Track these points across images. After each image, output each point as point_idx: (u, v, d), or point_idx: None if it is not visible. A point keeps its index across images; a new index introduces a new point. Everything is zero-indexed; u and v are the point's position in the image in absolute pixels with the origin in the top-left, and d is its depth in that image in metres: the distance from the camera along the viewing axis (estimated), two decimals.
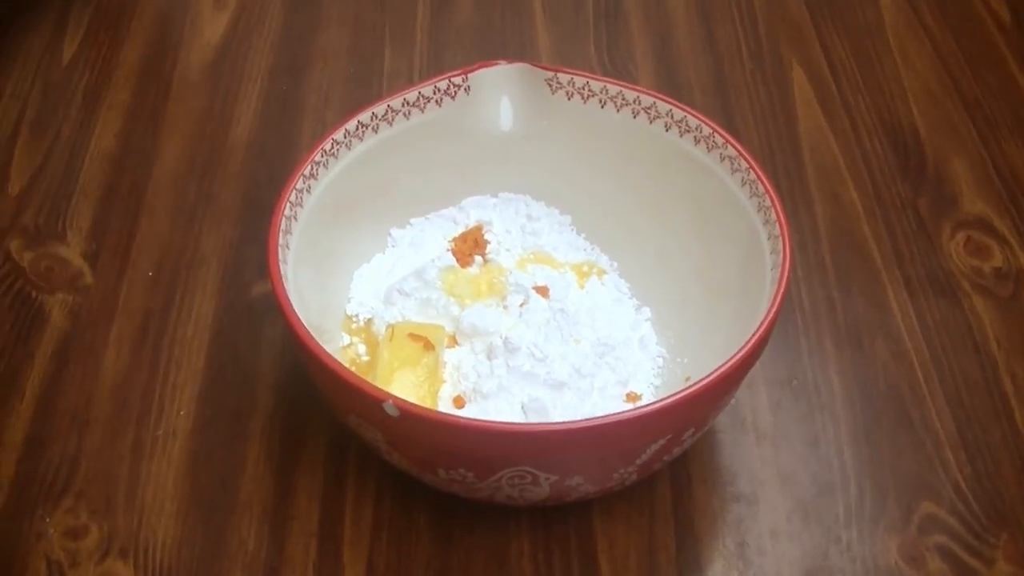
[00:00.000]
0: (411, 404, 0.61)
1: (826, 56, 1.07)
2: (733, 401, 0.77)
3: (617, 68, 1.06)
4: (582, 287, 0.80)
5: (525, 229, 0.82)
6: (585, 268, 0.81)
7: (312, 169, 0.74)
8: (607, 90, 0.79)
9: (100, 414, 0.79)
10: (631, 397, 0.75)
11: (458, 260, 0.80)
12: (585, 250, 0.83)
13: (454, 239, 0.82)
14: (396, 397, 0.61)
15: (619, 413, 0.62)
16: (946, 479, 0.77)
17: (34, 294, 0.86)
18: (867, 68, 1.06)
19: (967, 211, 0.94)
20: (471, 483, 0.66)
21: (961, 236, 0.92)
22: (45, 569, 0.71)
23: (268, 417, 0.79)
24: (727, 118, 0.99)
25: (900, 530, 0.74)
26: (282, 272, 0.68)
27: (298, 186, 0.73)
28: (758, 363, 0.69)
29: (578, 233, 0.84)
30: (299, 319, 0.65)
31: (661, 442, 0.65)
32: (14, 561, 0.72)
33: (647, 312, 0.80)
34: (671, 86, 1.03)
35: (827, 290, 0.87)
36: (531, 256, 0.81)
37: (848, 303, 0.87)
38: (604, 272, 0.82)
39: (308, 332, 0.65)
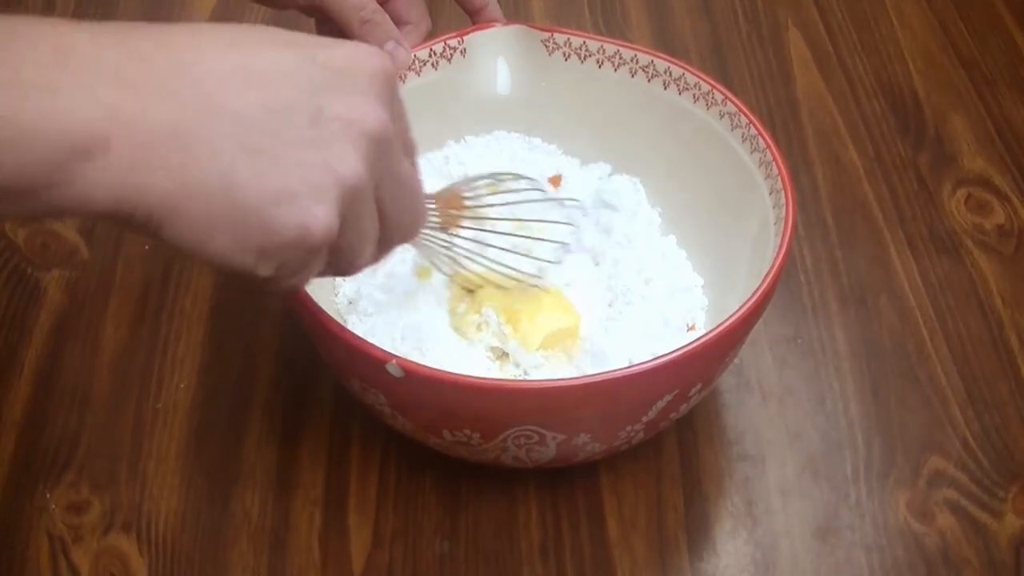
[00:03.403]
0: (414, 364, 0.61)
1: (822, 17, 1.07)
2: (738, 360, 0.77)
3: (612, 32, 1.05)
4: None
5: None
6: None
7: None
8: (604, 49, 0.78)
9: (100, 389, 0.79)
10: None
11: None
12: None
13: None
14: (399, 357, 0.61)
15: (623, 369, 0.62)
16: (954, 434, 0.76)
17: (30, 271, 0.85)
18: (864, 28, 1.06)
19: (967, 169, 0.93)
20: (477, 444, 0.65)
21: (962, 193, 0.91)
22: (48, 545, 0.71)
23: (270, 387, 0.78)
24: (724, 81, 0.97)
25: (909, 486, 0.74)
26: None
27: None
28: (762, 322, 0.68)
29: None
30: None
31: (668, 398, 0.64)
32: (16, 537, 0.71)
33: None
34: (667, 49, 1.01)
35: (829, 249, 0.87)
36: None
37: (851, 262, 0.86)
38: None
39: (309, 296, 0.64)
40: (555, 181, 0.77)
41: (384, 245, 0.57)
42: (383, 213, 0.54)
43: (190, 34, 0.49)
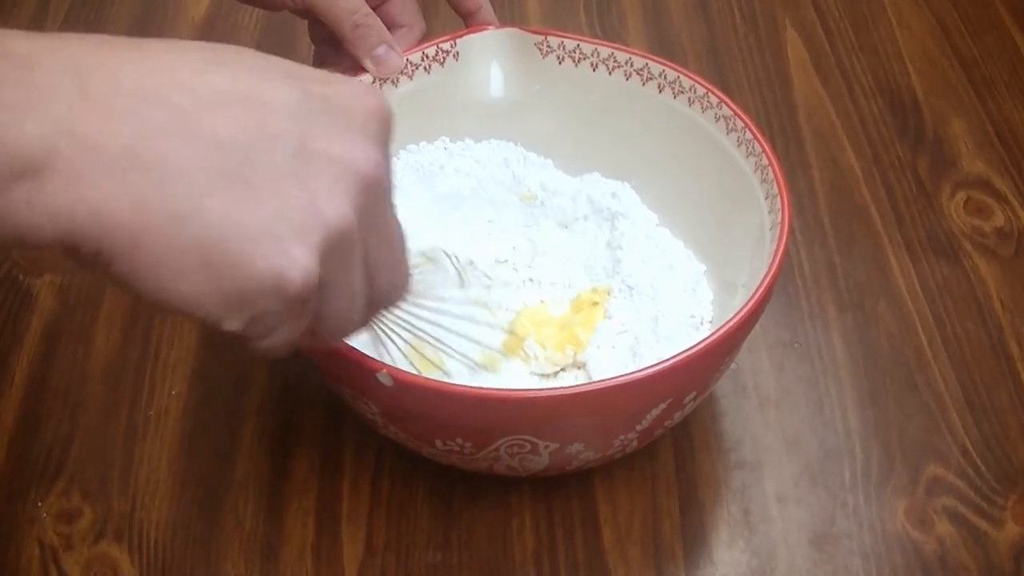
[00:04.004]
0: (405, 373, 0.60)
1: (820, 18, 1.06)
2: (734, 366, 0.76)
3: (608, 35, 1.04)
4: None
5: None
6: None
7: None
8: (599, 52, 0.77)
9: (92, 395, 0.78)
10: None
11: None
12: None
13: None
14: (389, 367, 0.60)
15: (615, 377, 0.61)
16: (952, 441, 0.76)
17: (21, 277, 0.85)
18: (862, 29, 1.05)
19: (967, 171, 0.93)
20: (469, 453, 0.64)
21: (961, 196, 0.91)
22: (39, 553, 0.70)
23: (263, 394, 0.78)
24: (721, 83, 0.98)
25: (907, 493, 0.73)
26: None
27: None
28: (759, 327, 0.68)
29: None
30: None
31: (662, 406, 0.63)
32: (7, 546, 0.71)
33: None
34: (664, 52, 1.01)
35: (827, 253, 0.86)
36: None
37: (849, 266, 0.86)
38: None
39: None
40: (528, 198, 0.77)
41: (369, 307, 0.51)
42: (370, 267, 0.49)
43: (172, 51, 0.45)
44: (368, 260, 0.49)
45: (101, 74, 0.42)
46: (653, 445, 0.73)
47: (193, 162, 0.42)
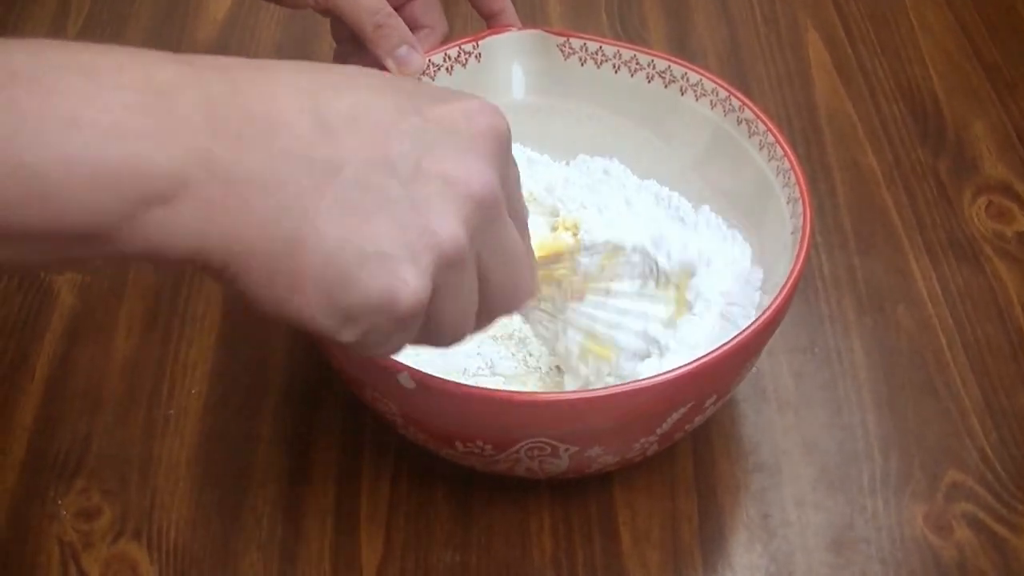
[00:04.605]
0: (426, 375, 0.60)
1: (841, 19, 1.06)
2: (754, 370, 0.76)
3: (630, 36, 1.04)
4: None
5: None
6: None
7: None
8: (620, 54, 0.77)
9: (111, 394, 0.78)
10: None
11: None
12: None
13: None
14: (411, 368, 0.60)
15: (637, 381, 0.61)
16: (972, 447, 0.75)
17: (42, 274, 0.85)
18: (884, 31, 1.05)
19: (988, 175, 0.92)
20: (489, 455, 0.64)
21: (982, 201, 0.90)
22: (58, 551, 0.70)
23: (282, 394, 0.78)
24: (743, 84, 0.98)
25: (926, 498, 0.73)
26: None
27: None
28: (779, 331, 0.68)
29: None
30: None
31: (682, 410, 0.63)
32: (27, 544, 0.71)
33: None
34: (685, 53, 1.01)
35: (847, 256, 0.86)
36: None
37: (869, 269, 0.85)
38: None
39: None
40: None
41: (485, 317, 0.53)
42: (485, 283, 0.50)
43: (291, 72, 0.47)
44: (483, 276, 0.50)
45: (231, 102, 0.44)
46: (672, 448, 0.73)
47: (312, 187, 0.45)
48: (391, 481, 0.73)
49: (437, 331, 0.50)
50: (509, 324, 0.73)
